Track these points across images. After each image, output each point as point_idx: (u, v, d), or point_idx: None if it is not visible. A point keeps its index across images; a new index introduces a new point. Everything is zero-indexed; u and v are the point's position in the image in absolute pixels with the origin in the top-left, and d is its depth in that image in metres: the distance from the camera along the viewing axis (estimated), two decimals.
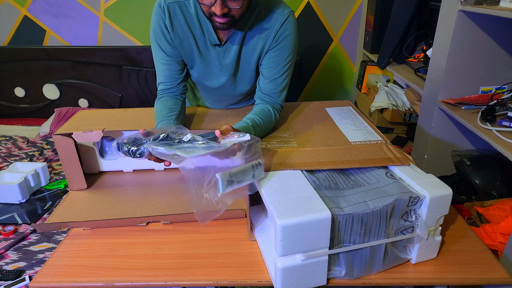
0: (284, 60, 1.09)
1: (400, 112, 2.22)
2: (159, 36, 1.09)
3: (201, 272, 0.82)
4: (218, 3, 0.91)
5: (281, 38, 1.06)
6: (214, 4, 0.92)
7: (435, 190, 0.76)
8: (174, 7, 1.04)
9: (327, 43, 2.82)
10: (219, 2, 0.91)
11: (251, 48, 1.09)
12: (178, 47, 1.10)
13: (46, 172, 2.00)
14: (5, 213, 1.76)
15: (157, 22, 1.07)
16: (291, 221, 0.68)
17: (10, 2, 2.71)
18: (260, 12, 1.05)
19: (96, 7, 2.72)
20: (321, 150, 0.96)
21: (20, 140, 2.50)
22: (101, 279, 0.81)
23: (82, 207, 1.02)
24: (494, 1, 1.33)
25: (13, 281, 1.39)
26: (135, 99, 2.87)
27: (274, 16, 1.05)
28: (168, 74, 1.13)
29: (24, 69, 2.79)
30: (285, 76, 1.11)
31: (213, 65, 1.13)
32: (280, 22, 1.04)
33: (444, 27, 1.55)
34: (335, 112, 1.24)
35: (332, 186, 0.81)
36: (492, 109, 1.39)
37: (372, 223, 0.74)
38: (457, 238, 0.90)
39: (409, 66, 2.11)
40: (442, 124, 1.66)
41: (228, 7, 0.93)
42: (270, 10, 1.05)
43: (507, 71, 1.56)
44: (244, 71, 1.15)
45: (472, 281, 0.79)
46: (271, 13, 1.05)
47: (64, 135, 1.06)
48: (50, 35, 2.81)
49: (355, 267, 0.77)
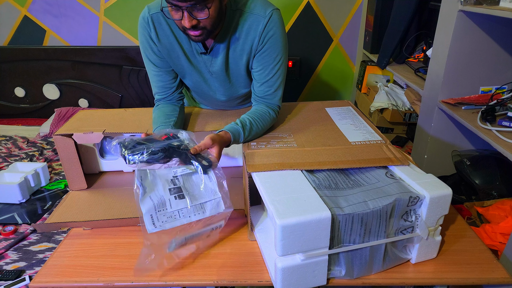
0: (273, 61, 1.07)
1: (400, 112, 2.22)
2: (146, 48, 1.09)
3: (201, 272, 0.82)
4: (186, 17, 0.91)
5: (267, 39, 1.04)
6: (182, 19, 0.91)
7: (435, 190, 0.76)
8: (158, 18, 1.03)
9: (327, 43, 2.82)
10: (187, 15, 0.90)
11: (238, 53, 1.08)
12: (166, 58, 1.09)
13: (46, 172, 2.00)
14: (5, 213, 1.76)
15: (143, 35, 1.06)
16: (291, 221, 0.68)
17: (10, 2, 2.71)
18: (240, 17, 1.03)
19: (96, 7, 2.72)
20: (321, 150, 0.96)
21: (20, 140, 2.50)
22: (101, 279, 0.81)
23: (82, 207, 1.02)
24: (494, 1, 1.33)
25: (13, 281, 1.39)
26: (135, 99, 2.87)
27: (255, 18, 1.02)
28: (161, 84, 1.14)
29: (24, 69, 2.78)
30: (277, 76, 1.10)
31: (204, 72, 1.13)
32: (263, 24, 1.02)
33: (444, 27, 1.55)
34: (335, 112, 1.24)
35: (332, 186, 0.81)
36: (492, 109, 1.38)
37: (372, 223, 0.74)
38: (457, 238, 0.90)
39: (409, 66, 2.11)
40: (442, 124, 1.66)
41: (196, 19, 0.92)
42: (250, 13, 1.03)
43: (507, 71, 1.56)
44: (236, 76, 1.14)
45: (472, 281, 0.79)
46: (252, 16, 1.03)
47: (64, 135, 1.06)
48: (50, 35, 2.81)
49: (355, 267, 0.77)
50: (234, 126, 1.00)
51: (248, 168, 0.87)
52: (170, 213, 0.76)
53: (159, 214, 0.76)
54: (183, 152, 0.84)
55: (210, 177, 0.84)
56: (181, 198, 0.79)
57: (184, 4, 0.88)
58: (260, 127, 1.06)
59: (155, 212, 0.76)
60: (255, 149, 0.98)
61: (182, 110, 1.18)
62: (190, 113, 1.26)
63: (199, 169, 0.83)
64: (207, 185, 0.83)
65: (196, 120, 1.20)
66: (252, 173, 0.86)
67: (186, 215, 0.78)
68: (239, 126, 1.00)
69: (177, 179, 0.81)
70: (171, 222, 0.76)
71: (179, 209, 0.78)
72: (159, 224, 0.75)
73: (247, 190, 0.88)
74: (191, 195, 0.80)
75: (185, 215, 0.78)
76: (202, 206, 0.80)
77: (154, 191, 0.78)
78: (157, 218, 0.75)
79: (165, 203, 0.77)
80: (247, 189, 0.89)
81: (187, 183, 0.82)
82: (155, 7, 1.03)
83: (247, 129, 1.01)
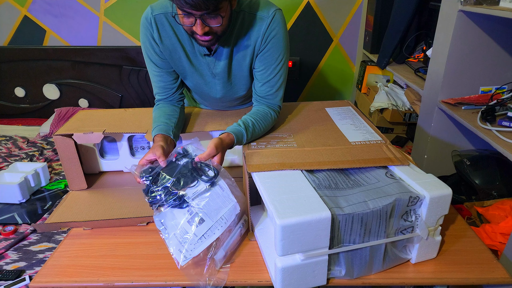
0: (275, 61, 1.08)
1: (400, 112, 2.22)
2: (148, 49, 1.08)
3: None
4: (199, 24, 0.90)
5: (269, 39, 1.04)
6: (194, 25, 0.91)
7: (435, 190, 0.76)
8: (161, 19, 1.03)
9: (327, 43, 2.82)
10: (199, 23, 0.90)
11: (241, 55, 1.08)
12: (168, 59, 1.09)
13: (46, 172, 2.00)
14: (5, 213, 1.76)
15: (145, 35, 1.06)
16: (291, 221, 0.68)
17: (10, 2, 2.71)
18: (244, 18, 1.03)
19: (96, 7, 2.72)
20: (321, 150, 0.96)
21: (20, 140, 2.50)
22: (101, 279, 0.81)
23: (82, 207, 1.02)
24: (494, 1, 1.33)
25: (13, 281, 1.39)
26: (135, 99, 2.87)
27: (258, 18, 1.03)
28: (162, 85, 1.14)
29: (24, 69, 2.79)
30: (278, 76, 1.10)
31: (206, 74, 1.12)
32: (266, 24, 1.02)
33: (444, 27, 1.55)
34: (335, 112, 1.24)
35: (332, 186, 0.81)
36: (492, 109, 1.38)
37: (372, 223, 0.74)
38: (457, 238, 0.90)
39: (409, 66, 2.11)
40: (442, 124, 1.66)
41: (209, 26, 0.92)
42: (254, 14, 1.03)
43: (507, 71, 1.56)
44: (239, 77, 1.14)
45: (472, 281, 0.79)
46: (256, 16, 1.03)
47: (65, 135, 1.06)
48: (50, 35, 2.81)
49: (355, 267, 0.77)
50: (237, 127, 1.00)
51: (248, 168, 0.87)
52: (196, 240, 0.77)
53: (185, 245, 0.77)
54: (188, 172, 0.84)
55: (221, 186, 0.84)
56: (202, 222, 0.79)
57: (198, 12, 0.87)
58: (262, 128, 1.06)
59: (182, 246, 0.77)
60: (255, 149, 0.98)
61: (183, 111, 1.18)
62: (190, 113, 1.26)
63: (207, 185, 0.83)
64: (221, 195, 0.83)
65: (196, 120, 1.20)
66: (252, 173, 0.86)
67: (211, 233, 0.79)
68: (242, 128, 1.00)
69: (192, 207, 0.80)
70: (199, 247, 0.77)
71: (204, 233, 0.78)
72: (188, 254, 0.76)
73: (247, 190, 0.88)
74: (210, 214, 0.80)
75: (210, 234, 0.79)
76: (223, 217, 0.81)
77: (175, 229, 0.79)
78: (186, 250, 0.76)
79: (188, 235, 0.78)
80: (247, 189, 0.89)
81: (203, 204, 0.81)
82: (158, 7, 1.03)
83: (250, 131, 1.01)
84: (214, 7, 0.87)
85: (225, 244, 0.83)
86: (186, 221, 0.79)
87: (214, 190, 0.83)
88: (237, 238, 0.87)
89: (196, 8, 0.86)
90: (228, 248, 0.84)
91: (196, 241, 0.77)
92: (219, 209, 0.81)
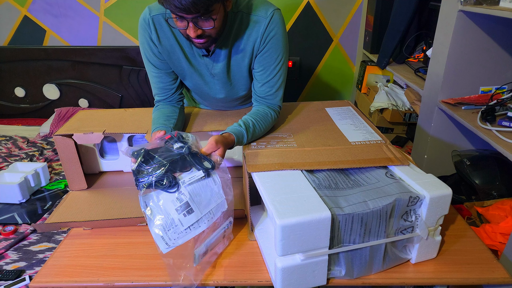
0: (274, 61, 1.07)
1: (400, 112, 2.22)
2: (146, 50, 1.08)
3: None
4: (191, 27, 0.90)
5: (268, 40, 1.04)
6: (187, 28, 0.91)
7: (435, 190, 0.76)
8: (159, 19, 1.03)
9: (327, 43, 2.82)
10: (192, 26, 0.90)
11: (240, 55, 1.07)
12: (167, 60, 1.09)
13: (46, 172, 2.00)
14: (5, 213, 1.76)
15: (143, 36, 1.06)
16: (291, 221, 0.68)
17: (10, 2, 2.71)
18: (242, 19, 1.03)
19: (96, 7, 2.72)
20: (321, 150, 0.96)
21: (20, 140, 2.50)
22: (101, 279, 0.81)
23: (82, 207, 1.02)
24: (494, 1, 1.33)
25: (13, 281, 1.39)
26: (135, 99, 2.87)
27: (257, 19, 1.02)
28: (161, 86, 1.13)
29: (24, 69, 2.78)
30: (278, 76, 1.10)
31: (205, 74, 1.12)
32: (265, 24, 1.02)
33: (444, 27, 1.55)
34: (335, 112, 1.24)
35: (332, 186, 0.81)
36: (492, 109, 1.38)
37: (372, 223, 0.74)
38: (457, 238, 0.90)
39: (409, 66, 2.11)
40: (442, 124, 1.66)
41: (201, 28, 0.92)
42: (252, 15, 1.03)
43: (507, 71, 1.56)
44: (238, 78, 1.13)
45: (472, 281, 0.79)
46: (254, 17, 1.03)
47: (65, 135, 1.06)
48: (50, 35, 2.81)
49: (355, 267, 0.77)
50: (238, 128, 1.00)
51: (248, 168, 0.87)
52: (182, 230, 0.77)
53: (170, 233, 0.76)
54: (184, 159, 0.81)
55: (215, 179, 0.83)
56: (190, 213, 0.78)
57: (189, 16, 0.87)
58: (262, 128, 1.06)
59: (165, 233, 0.76)
60: (255, 149, 0.98)
61: (182, 111, 1.18)
62: (190, 113, 1.26)
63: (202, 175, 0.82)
64: (213, 189, 0.82)
65: (195, 120, 1.20)
66: (252, 173, 0.86)
67: (197, 226, 0.78)
68: (242, 128, 1.00)
69: (183, 194, 0.79)
70: (183, 237, 0.76)
71: (190, 224, 0.77)
72: (171, 243, 0.75)
73: (247, 190, 0.88)
74: (200, 205, 0.79)
75: (196, 226, 0.78)
76: (211, 211, 0.80)
77: (161, 213, 0.77)
78: (169, 238, 0.75)
79: (174, 223, 0.77)
80: (247, 189, 0.89)
81: (194, 194, 0.80)
82: (156, 8, 1.03)
83: (250, 131, 1.01)
84: (205, 10, 0.86)
85: (208, 241, 0.82)
86: (174, 208, 0.77)
87: (207, 183, 0.82)
88: (219, 238, 0.86)
89: (186, 12, 0.85)
90: (210, 245, 0.83)
91: (181, 230, 0.76)
92: (208, 202, 0.80)
